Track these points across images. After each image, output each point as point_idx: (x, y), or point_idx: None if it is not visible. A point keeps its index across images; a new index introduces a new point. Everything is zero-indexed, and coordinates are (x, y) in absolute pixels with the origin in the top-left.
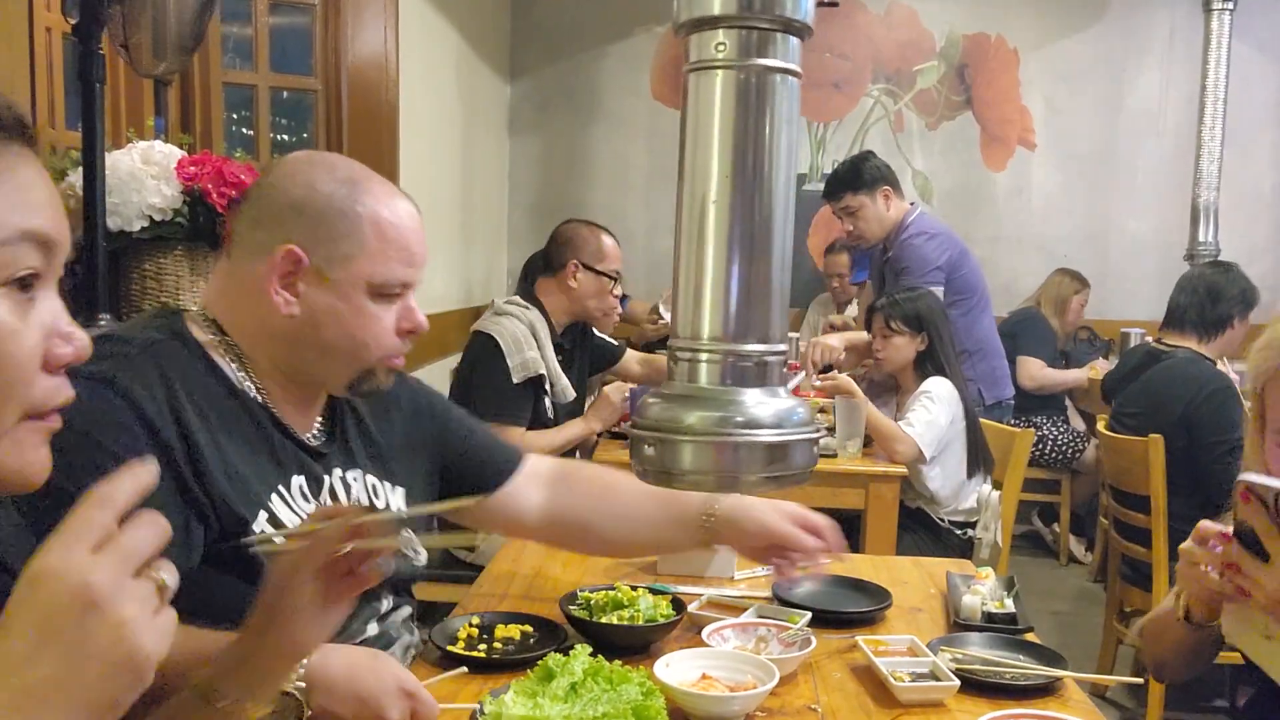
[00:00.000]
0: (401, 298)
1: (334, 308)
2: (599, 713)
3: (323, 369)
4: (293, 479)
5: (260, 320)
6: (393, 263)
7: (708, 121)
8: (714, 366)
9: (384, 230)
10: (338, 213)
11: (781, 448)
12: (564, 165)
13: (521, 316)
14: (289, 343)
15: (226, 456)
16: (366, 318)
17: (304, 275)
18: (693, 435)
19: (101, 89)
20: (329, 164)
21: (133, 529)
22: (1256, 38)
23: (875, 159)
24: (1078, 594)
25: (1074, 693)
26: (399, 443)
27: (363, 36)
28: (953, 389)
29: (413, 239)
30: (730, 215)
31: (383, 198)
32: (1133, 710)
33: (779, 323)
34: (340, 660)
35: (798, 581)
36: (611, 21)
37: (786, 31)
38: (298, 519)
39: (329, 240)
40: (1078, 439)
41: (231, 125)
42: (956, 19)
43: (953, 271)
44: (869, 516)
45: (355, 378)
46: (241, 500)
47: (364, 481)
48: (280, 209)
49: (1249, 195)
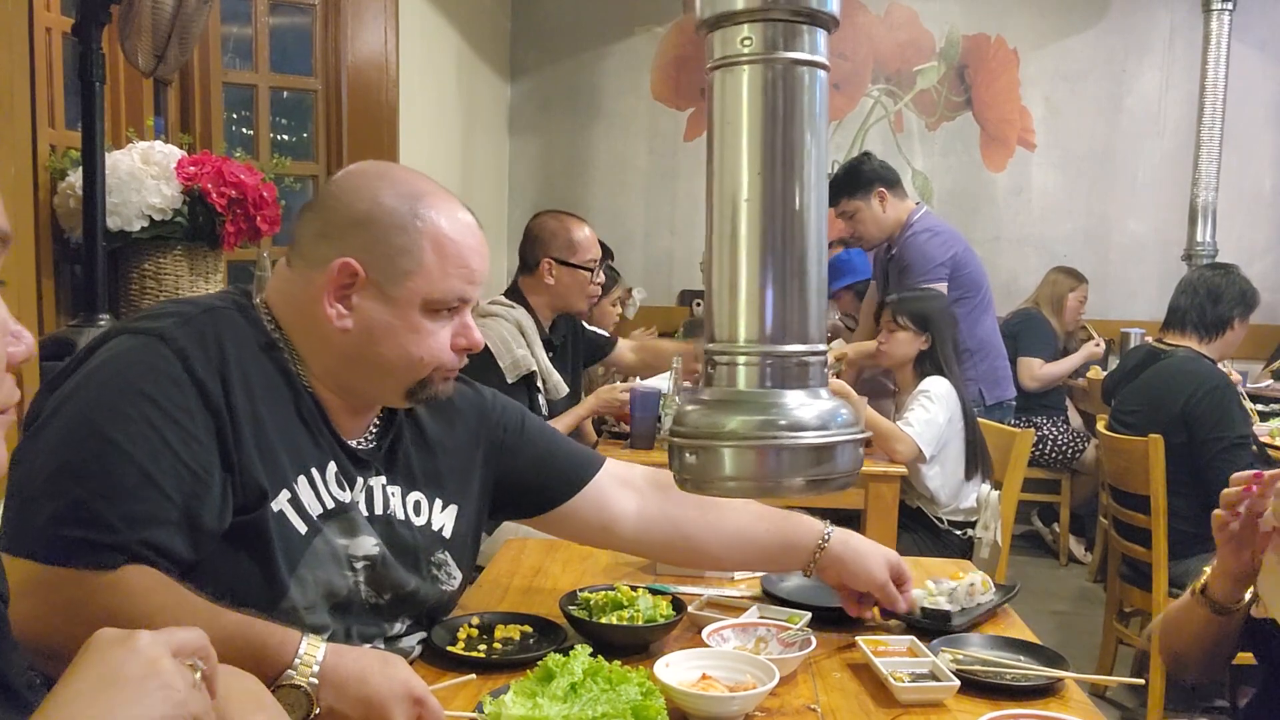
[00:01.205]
0: (458, 313)
1: (388, 324)
2: (599, 713)
3: (376, 383)
4: (328, 465)
5: (314, 329)
6: (451, 279)
7: (735, 119)
8: (753, 369)
9: (443, 246)
10: (398, 228)
11: (827, 450)
12: (564, 165)
13: (507, 316)
14: (341, 355)
15: (262, 428)
16: (422, 334)
17: (359, 289)
18: (735, 440)
19: (101, 89)
20: (393, 177)
21: (183, 630)
22: (1256, 38)
23: (871, 161)
24: (1078, 594)
25: (1074, 693)
26: (460, 452)
27: (363, 36)
28: (951, 388)
29: (472, 256)
30: (763, 213)
31: (445, 212)
32: (1133, 710)
33: (818, 321)
34: (352, 661)
35: (786, 575)
36: (612, 21)
37: (813, 24)
38: (320, 506)
39: (387, 256)
40: (1078, 439)
41: (231, 125)
42: (956, 19)
43: (957, 270)
44: (869, 516)
45: (409, 390)
46: (267, 473)
47: (402, 498)
48: (343, 221)
49: (1248, 195)
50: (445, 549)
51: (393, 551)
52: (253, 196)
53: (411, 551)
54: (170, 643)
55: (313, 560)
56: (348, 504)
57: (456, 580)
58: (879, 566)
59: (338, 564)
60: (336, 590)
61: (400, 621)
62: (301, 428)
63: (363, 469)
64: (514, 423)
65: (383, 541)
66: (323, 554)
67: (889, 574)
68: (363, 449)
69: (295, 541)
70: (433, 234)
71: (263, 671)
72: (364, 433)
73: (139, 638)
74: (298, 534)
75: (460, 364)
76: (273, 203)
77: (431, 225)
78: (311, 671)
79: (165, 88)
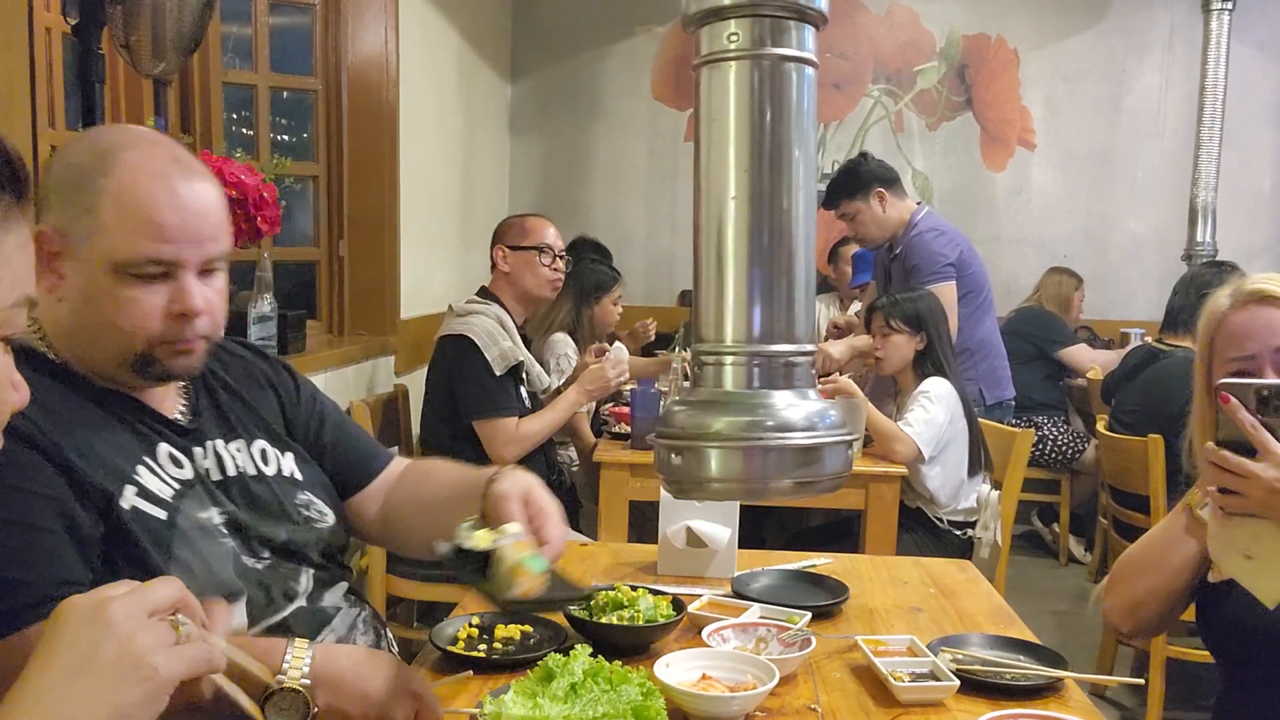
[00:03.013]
0: (172, 278)
1: (86, 292)
2: (599, 713)
3: (101, 359)
4: (158, 447)
5: (47, 311)
6: (135, 238)
7: (722, 115)
8: (740, 369)
9: (125, 203)
10: (78, 187)
11: (814, 451)
12: (564, 165)
13: (486, 312)
14: (69, 333)
15: (77, 441)
16: (120, 301)
17: (64, 259)
18: (720, 441)
19: (101, 89)
20: (92, 135)
21: (152, 585)
22: (1256, 38)
23: (869, 161)
24: (1078, 594)
25: (1074, 693)
26: (279, 418)
27: (363, 36)
28: (951, 389)
29: (165, 211)
30: (750, 211)
31: (136, 165)
32: (1133, 710)
33: (806, 321)
34: (346, 659)
35: (756, 575)
36: (612, 21)
37: (802, 20)
38: (169, 488)
39: (74, 218)
40: (1077, 439)
41: (231, 125)
42: (957, 19)
43: (962, 269)
44: (869, 516)
45: (132, 363)
46: (101, 475)
47: (248, 451)
48: (44, 189)
49: (1248, 195)
50: (302, 489)
51: (253, 509)
52: (253, 197)
53: (273, 502)
54: (144, 605)
55: (183, 541)
56: (192, 479)
57: (330, 516)
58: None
59: (208, 537)
60: (220, 563)
61: (304, 573)
62: (115, 421)
63: (195, 438)
64: (315, 398)
65: (240, 503)
66: (190, 532)
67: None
68: (185, 420)
69: (158, 528)
70: (115, 190)
71: (252, 682)
72: (178, 404)
73: (110, 610)
74: (159, 520)
75: (187, 333)
76: (273, 203)
77: (115, 181)
78: (302, 673)
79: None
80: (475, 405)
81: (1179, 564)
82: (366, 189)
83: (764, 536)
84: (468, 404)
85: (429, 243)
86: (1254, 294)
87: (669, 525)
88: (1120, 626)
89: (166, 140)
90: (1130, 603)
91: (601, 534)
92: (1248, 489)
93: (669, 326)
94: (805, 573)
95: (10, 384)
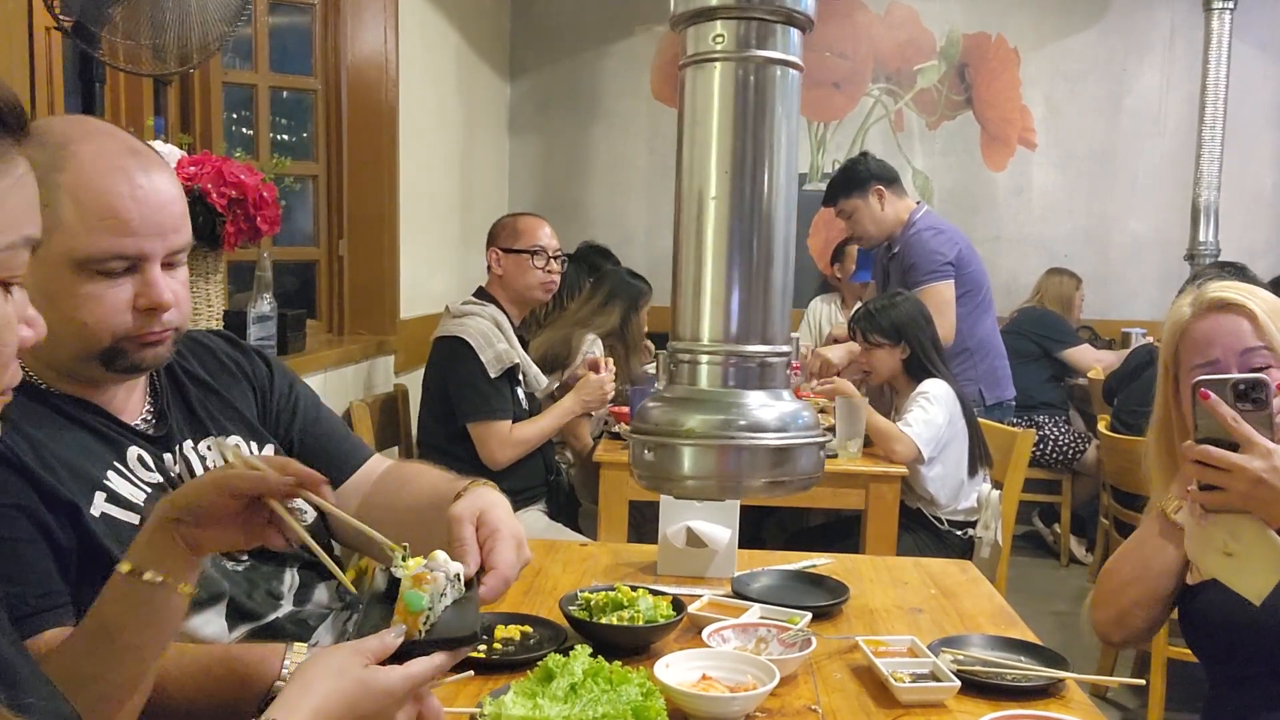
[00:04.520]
0: (137, 272)
1: (49, 289)
2: (599, 713)
3: (70, 358)
4: (128, 451)
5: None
6: (96, 233)
7: (705, 116)
8: (715, 368)
9: (82, 197)
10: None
11: (786, 452)
12: (564, 165)
13: (482, 314)
14: None
15: (41, 453)
16: (83, 298)
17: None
18: (694, 439)
19: (101, 89)
20: (40, 129)
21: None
22: (1257, 37)
23: (868, 160)
24: (1078, 594)
25: (1075, 694)
26: (253, 409)
27: (363, 36)
28: (949, 389)
29: (124, 204)
30: (730, 212)
31: (93, 159)
32: (1133, 710)
33: (781, 322)
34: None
35: (756, 576)
36: (612, 21)
37: (787, 23)
38: (141, 491)
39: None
40: (1078, 439)
41: (231, 125)
42: (957, 18)
43: (960, 268)
44: (869, 516)
45: (101, 359)
46: (69, 487)
47: (220, 448)
48: None
49: (1249, 195)
50: None
51: None
52: (253, 197)
53: None
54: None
55: None
56: (163, 483)
57: (311, 513)
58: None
59: None
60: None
61: (287, 572)
62: (81, 430)
63: (164, 443)
64: (293, 387)
65: None
66: None
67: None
68: (150, 427)
69: (131, 534)
70: (71, 184)
71: (251, 689)
72: (142, 409)
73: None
74: (130, 526)
75: (153, 326)
76: (273, 203)
77: (72, 175)
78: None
79: (165, 88)
80: (469, 407)
81: (1160, 570)
82: (366, 189)
83: (764, 537)
84: (462, 406)
85: (428, 242)
86: (1215, 302)
87: (669, 525)
88: (1110, 638)
89: (118, 130)
90: (1117, 614)
91: (601, 534)
92: (1230, 482)
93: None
94: (805, 573)
95: (24, 320)
